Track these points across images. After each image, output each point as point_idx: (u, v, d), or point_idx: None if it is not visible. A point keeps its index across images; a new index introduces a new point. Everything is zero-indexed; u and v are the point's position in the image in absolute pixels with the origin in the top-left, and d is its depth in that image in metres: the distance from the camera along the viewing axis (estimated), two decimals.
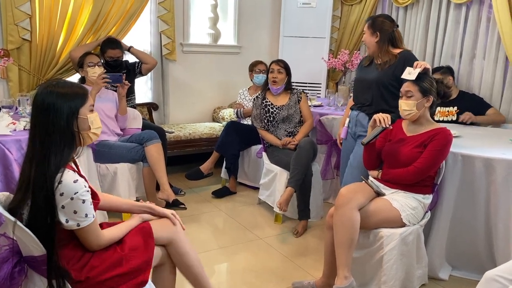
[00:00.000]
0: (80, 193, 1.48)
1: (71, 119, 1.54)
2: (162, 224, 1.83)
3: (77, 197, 1.48)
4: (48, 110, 1.50)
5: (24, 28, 3.54)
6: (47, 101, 1.51)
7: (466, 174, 2.48)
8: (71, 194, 1.47)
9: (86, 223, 1.52)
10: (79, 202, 1.48)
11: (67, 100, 1.53)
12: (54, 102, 1.51)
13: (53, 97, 1.52)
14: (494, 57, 3.75)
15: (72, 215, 1.49)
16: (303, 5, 4.67)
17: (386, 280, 2.22)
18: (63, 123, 1.51)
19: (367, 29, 2.70)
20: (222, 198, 3.81)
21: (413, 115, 2.32)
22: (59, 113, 1.51)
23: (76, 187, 1.48)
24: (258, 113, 3.57)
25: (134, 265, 1.63)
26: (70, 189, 1.47)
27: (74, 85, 1.63)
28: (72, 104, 1.54)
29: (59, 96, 1.52)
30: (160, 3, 4.18)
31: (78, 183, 1.49)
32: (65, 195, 1.46)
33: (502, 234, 2.43)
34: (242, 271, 2.66)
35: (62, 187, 1.46)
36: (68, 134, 1.53)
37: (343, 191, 2.25)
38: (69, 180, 1.47)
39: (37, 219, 1.47)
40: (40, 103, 1.52)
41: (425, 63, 2.37)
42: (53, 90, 1.53)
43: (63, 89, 1.55)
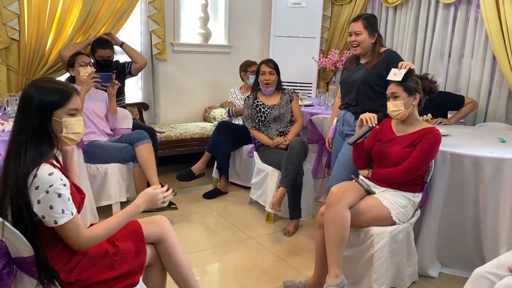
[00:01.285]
0: (55, 186, 1.41)
1: (44, 118, 1.49)
2: (152, 221, 1.82)
3: (53, 190, 1.41)
4: (24, 105, 1.49)
5: (12, 28, 3.50)
6: (26, 95, 1.49)
7: (455, 172, 2.51)
8: (46, 187, 1.40)
9: (63, 220, 1.44)
10: (54, 196, 1.41)
11: (41, 98, 1.49)
12: (31, 98, 1.48)
13: (32, 92, 1.49)
14: (481, 56, 3.80)
15: (48, 210, 1.42)
16: (294, 5, 4.68)
17: (377, 278, 2.24)
18: (35, 121, 1.47)
19: (364, 30, 2.65)
20: (214, 198, 3.81)
21: (402, 114, 2.34)
22: (32, 109, 1.48)
23: (51, 180, 1.41)
24: (250, 113, 3.57)
25: (126, 270, 1.62)
26: (44, 182, 1.41)
27: (60, 85, 1.56)
28: (46, 104, 1.49)
29: (38, 92, 1.49)
30: (150, 2, 4.16)
31: (53, 176, 1.42)
32: (40, 189, 1.40)
33: (490, 232, 2.46)
34: (234, 271, 2.66)
35: (37, 180, 1.41)
36: (41, 133, 1.49)
37: (333, 189, 2.26)
38: (44, 172, 1.42)
39: (18, 218, 1.43)
40: (22, 97, 1.51)
41: (410, 64, 2.39)
42: (36, 85, 1.51)
43: (46, 86, 1.52)
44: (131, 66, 3.86)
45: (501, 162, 2.40)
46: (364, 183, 2.40)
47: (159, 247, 1.80)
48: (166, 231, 1.81)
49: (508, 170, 2.39)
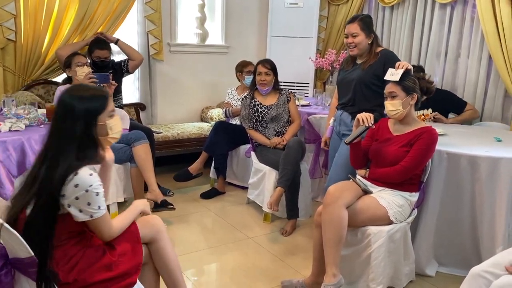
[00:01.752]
0: (94, 186, 1.51)
1: (89, 124, 1.57)
2: (146, 221, 1.84)
3: (92, 190, 1.51)
4: (66, 115, 1.55)
5: (8, 28, 3.49)
6: (67, 105, 1.55)
7: (452, 171, 2.52)
8: (86, 186, 1.50)
9: (99, 215, 1.56)
10: (93, 195, 1.51)
11: (86, 106, 1.57)
12: (73, 108, 1.55)
13: (73, 102, 1.56)
14: (478, 56, 3.81)
15: (85, 206, 1.52)
16: (290, 5, 4.68)
17: (374, 277, 2.24)
18: (81, 128, 1.55)
19: (361, 31, 2.63)
20: (211, 198, 3.81)
21: (400, 114, 2.35)
22: (77, 119, 1.55)
23: (92, 180, 1.51)
24: (247, 113, 3.57)
25: (123, 270, 1.64)
26: (85, 182, 1.49)
27: (95, 91, 1.65)
28: (91, 111, 1.58)
29: (79, 101, 1.56)
30: (147, 3, 4.16)
31: (93, 176, 1.52)
32: (80, 187, 1.49)
33: (487, 230, 2.48)
34: (231, 271, 2.66)
35: (77, 179, 1.49)
36: (88, 139, 1.57)
37: (330, 189, 2.26)
38: (85, 173, 1.50)
39: (37, 219, 1.48)
40: (62, 108, 1.57)
41: (407, 64, 2.40)
42: (75, 95, 1.58)
43: (84, 94, 1.59)
44: (127, 64, 3.86)
45: (497, 161, 2.42)
46: (361, 182, 2.41)
47: (152, 247, 1.83)
48: (160, 232, 1.83)
49: (504, 169, 2.41)
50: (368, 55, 2.69)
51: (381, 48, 2.72)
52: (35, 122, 2.78)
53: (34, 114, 2.82)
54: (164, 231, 1.86)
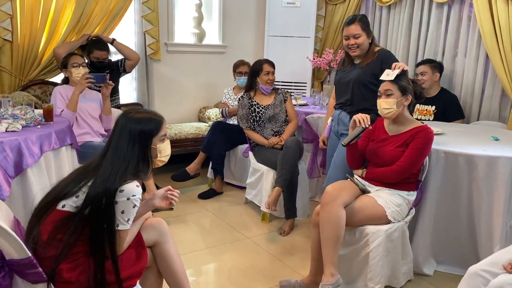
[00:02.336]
0: (136, 197, 1.57)
1: (144, 146, 1.67)
2: (150, 224, 1.83)
3: (132, 200, 1.56)
4: (124, 136, 1.64)
5: (5, 29, 3.48)
6: (124, 127, 1.65)
7: (449, 170, 2.52)
8: (129, 194, 1.55)
9: (124, 228, 1.59)
10: (131, 205, 1.57)
11: (141, 130, 1.66)
12: (129, 131, 1.65)
13: (130, 125, 1.66)
14: (475, 55, 3.82)
15: (119, 214, 1.55)
16: (288, 5, 4.68)
17: (372, 276, 2.24)
18: (138, 149, 1.65)
19: (363, 31, 2.62)
20: (209, 198, 3.80)
21: (392, 113, 2.35)
22: (132, 141, 1.64)
23: (136, 191, 1.57)
24: (245, 113, 3.57)
25: (125, 275, 1.63)
26: (130, 190, 1.55)
27: (152, 115, 1.73)
28: (146, 134, 1.67)
29: (136, 124, 1.66)
30: (144, 2, 4.15)
31: (138, 188, 1.59)
32: (124, 194, 1.54)
33: (485, 229, 2.48)
34: (229, 271, 2.66)
35: (124, 186, 1.55)
36: (142, 159, 1.66)
37: (328, 189, 2.26)
38: (132, 182, 1.57)
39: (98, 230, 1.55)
40: (120, 127, 1.67)
41: (403, 65, 2.40)
42: (132, 117, 1.68)
43: (141, 117, 1.69)
44: (125, 63, 3.85)
45: (494, 160, 2.42)
46: (359, 182, 2.41)
47: (155, 250, 1.82)
48: (164, 235, 1.83)
49: (501, 168, 2.41)
50: (366, 55, 2.69)
51: (378, 48, 2.72)
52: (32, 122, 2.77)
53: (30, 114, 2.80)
54: (169, 235, 1.84)
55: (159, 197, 1.86)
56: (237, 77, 4.10)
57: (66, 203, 1.55)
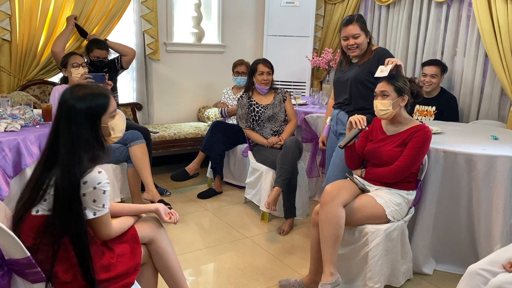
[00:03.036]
0: (102, 184, 1.52)
1: (93, 129, 1.57)
2: (145, 222, 1.84)
3: (99, 188, 1.52)
4: (71, 119, 1.53)
5: (3, 28, 3.47)
6: (69, 109, 1.54)
7: (448, 170, 2.52)
8: (94, 183, 1.50)
9: (102, 213, 1.56)
10: (100, 192, 1.53)
11: (88, 111, 1.55)
12: (75, 112, 1.53)
13: (75, 105, 1.54)
14: (474, 54, 3.82)
15: (90, 203, 1.52)
16: (287, 4, 4.68)
17: (372, 276, 2.24)
18: (85, 133, 1.54)
19: (362, 31, 2.62)
20: (208, 198, 3.80)
21: (389, 114, 2.34)
22: (80, 123, 1.54)
23: (100, 178, 1.52)
24: (244, 113, 3.57)
25: (121, 271, 1.64)
26: (94, 179, 1.50)
27: (95, 92, 1.60)
28: (94, 115, 1.57)
29: (81, 103, 1.54)
30: (143, 2, 4.15)
31: (102, 174, 1.53)
32: (88, 184, 1.50)
33: (484, 228, 2.48)
34: (228, 270, 2.66)
35: (87, 177, 1.50)
36: (92, 143, 1.56)
37: (328, 188, 2.26)
38: (95, 170, 1.52)
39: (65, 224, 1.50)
40: (64, 110, 1.55)
41: (396, 60, 2.40)
42: (77, 97, 1.55)
43: (86, 99, 1.56)
44: (121, 60, 3.84)
45: (493, 159, 2.42)
46: (358, 181, 2.41)
47: (151, 247, 1.82)
48: (159, 232, 1.84)
49: (500, 167, 2.41)
50: (364, 54, 2.69)
51: (376, 46, 2.73)
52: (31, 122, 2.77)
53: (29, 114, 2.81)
54: (163, 231, 1.86)
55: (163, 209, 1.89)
56: (234, 76, 4.10)
57: (39, 208, 1.52)
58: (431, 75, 3.60)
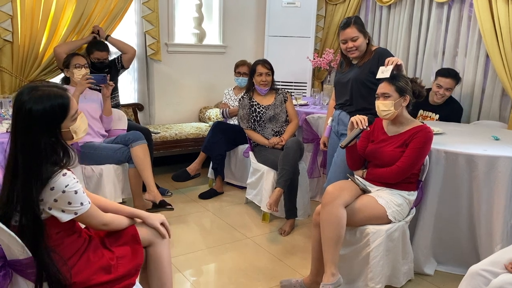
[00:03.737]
0: (70, 186, 1.48)
1: (53, 136, 1.50)
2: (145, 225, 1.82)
3: (68, 189, 1.48)
4: (28, 127, 1.46)
5: (5, 29, 3.48)
6: (27, 115, 1.45)
7: (450, 170, 2.52)
8: (62, 187, 1.46)
9: (83, 211, 1.54)
10: (71, 194, 1.49)
11: (46, 120, 1.47)
12: (33, 120, 1.45)
13: (31, 111, 1.44)
14: (475, 54, 3.82)
15: (66, 206, 1.49)
16: (288, 5, 4.68)
17: (373, 276, 2.25)
18: (44, 142, 1.47)
19: (360, 33, 2.62)
20: (209, 198, 3.81)
21: (390, 115, 2.35)
22: (39, 132, 1.46)
23: (66, 180, 1.48)
24: (245, 113, 3.58)
25: (122, 272, 1.63)
26: (60, 183, 1.46)
27: (53, 97, 1.50)
28: (53, 122, 1.49)
29: (39, 111, 1.45)
30: (144, 3, 4.15)
31: (67, 176, 1.48)
32: (56, 189, 1.46)
33: (485, 229, 2.48)
34: (230, 271, 2.66)
35: (52, 182, 1.45)
36: (52, 152, 1.49)
37: (329, 188, 2.26)
38: (58, 175, 1.47)
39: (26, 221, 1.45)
40: (21, 115, 1.46)
41: (396, 59, 2.40)
42: (34, 101, 1.46)
43: (42, 104, 1.46)
44: (121, 59, 3.85)
45: (494, 159, 2.42)
46: (360, 181, 2.41)
47: (149, 250, 1.80)
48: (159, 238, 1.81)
49: (501, 168, 2.41)
50: (364, 54, 2.69)
51: (375, 47, 2.73)
52: None
53: None
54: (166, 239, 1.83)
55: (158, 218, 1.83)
56: (235, 77, 4.11)
57: (14, 219, 1.49)
58: (446, 88, 3.43)
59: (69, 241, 1.59)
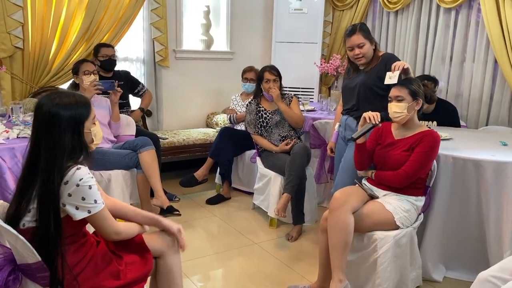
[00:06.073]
0: (84, 179, 1.48)
1: (76, 134, 1.54)
2: (158, 235, 1.82)
3: (83, 183, 1.48)
4: (53, 125, 1.50)
5: (16, 36, 3.54)
6: (51, 115, 1.50)
7: (457, 176, 2.51)
8: (76, 181, 1.47)
9: (97, 209, 1.52)
10: (85, 188, 1.48)
11: (71, 115, 1.53)
12: (58, 118, 1.50)
13: (57, 111, 1.50)
14: (483, 59, 3.81)
15: (80, 202, 1.48)
16: (295, 11, 4.70)
17: (381, 282, 2.23)
18: (67, 139, 1.51)
19: (366, 40, 2.62)
20: (217, 204, 3.81)
21: (403, 118, 2.34)
22: (63, 129, 1.50)
23: (80, 174, 1.48)
24: (252, 119, 3.59)
25: (131, 278, 1.64)
26: (74, 177, 1.47)
27: (77, 98, 1.59)
28: (77, 119, 1.54)
29: (64, 109, 1.51)
30: (152, 10, 4.20)
31: (81, 170, 1.49)
32: (70, 183, 1.46)
33: (494, 235, 2.46)
34: (237, 276, 2.66)
35: (66, 176, 1.47)
36: (75, 150, 1.53)
37: (337, 194, 2.26)
38: (72, 169, 1.48)
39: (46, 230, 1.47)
40: (44, 116, 1.50)
41: (403, 63, 2.40)
42: (58, 103, 1.52)
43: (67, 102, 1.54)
44: (142, 94, 4.02)
45: (503, 165, 2.40)
46: (367, 187, 2.40)
47: (159, 261, 1.80)
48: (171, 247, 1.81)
49: (510, 174, 2.39)
50: (371, 60, 2.70)
51: (382, 52, 2.74)
52: None
53: None
54: (175, 247, 1.83)
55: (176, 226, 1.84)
56: (243, 83, 4.13)
57: (24, 221, 1.50)
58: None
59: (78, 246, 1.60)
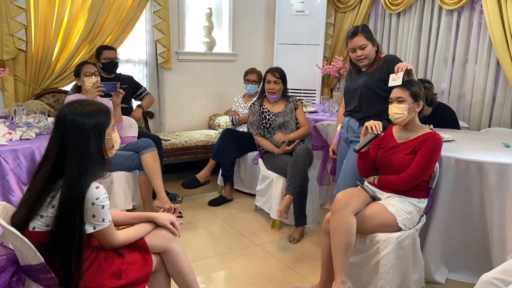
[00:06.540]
0: (101, 199, 1.52)
1: (100, 141, 1.59)
2: (158, 233, 1.85)
3: (98, 203, 1.52)
4: (79, 134, 1.54)
5: (19, 39, 3.55)
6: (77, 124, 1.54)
7: (460, 178, 2.51)
8: (93, 199, 1.51)
9: (102, 227, 1.57)
10: (99, 208, 1.53)
11: (95, 123, 1.57)
12: (84, 126, 1.54)
13: (83, 120, 1.55)
14: (485, 61, 3.80)
15: (89, 218, 1.53)
16: (297, 13, 4.71)
17: (383, 284, 2.23)
18: (93, 146, 1.55)
19: (368, 41, 2.63)
20: (219, 205, 3.81)
21: (403, 119, 2.34)
22: (89, 137, 1.55)
23: (98, 193, 1.52)
24: (255, 120, 3.59)
25: (133, 278, 1.65)
26: (92, 195, 1.51)
27: (98, 106, 1.64)
28: (99, 127, 1.58)
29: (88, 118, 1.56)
30: (155, 12, 4.21)
31: (100, 189, 1.53)
32: (87, 200, 1.50)
33: (497, 237, 2.45)
34: (239, 278, 2.66)
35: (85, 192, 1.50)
36: (98, 154, 1.57)
37: (339, 196, 2.26)
38: (92, 185, 1.52)
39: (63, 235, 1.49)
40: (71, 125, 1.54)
41: (405, 64, 2.40)
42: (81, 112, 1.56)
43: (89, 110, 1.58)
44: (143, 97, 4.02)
45: (506, 167, 2.40)
46: (369, 189, 2.40)
47: (165, 256, 1.83)
48: (171, 242, 1.84)
49: None
50: (373, 62, 2.70)
51: (384, 54, 2.74)
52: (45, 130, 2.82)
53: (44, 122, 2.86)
54: (175, 240, 1.86)
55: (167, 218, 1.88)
56: (245, 84, 4.13)
57: (35, 224, 1.52)
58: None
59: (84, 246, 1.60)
